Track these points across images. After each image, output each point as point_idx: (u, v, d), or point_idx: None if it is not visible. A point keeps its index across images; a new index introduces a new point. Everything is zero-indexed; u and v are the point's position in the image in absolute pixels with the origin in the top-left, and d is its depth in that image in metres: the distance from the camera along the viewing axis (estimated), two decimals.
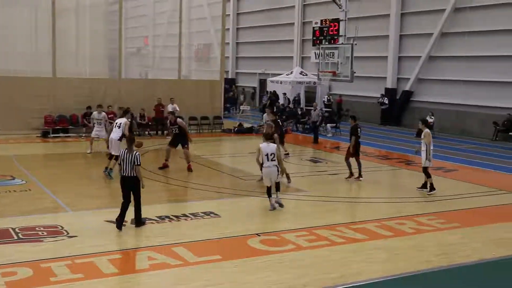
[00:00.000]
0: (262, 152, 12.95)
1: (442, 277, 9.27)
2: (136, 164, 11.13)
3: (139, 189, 11.30)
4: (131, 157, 11.17)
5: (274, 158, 13.00)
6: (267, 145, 13.08)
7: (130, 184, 11.23)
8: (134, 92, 26.67)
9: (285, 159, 19.49)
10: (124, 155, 11.27)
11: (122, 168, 11.25)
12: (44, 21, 26.66)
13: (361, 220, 12.44)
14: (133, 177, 11.19)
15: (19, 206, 12.79)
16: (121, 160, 11.29)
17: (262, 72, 44.53)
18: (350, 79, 27.64)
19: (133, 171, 11.17)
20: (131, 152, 11.26)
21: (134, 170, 11.16)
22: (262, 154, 12.94)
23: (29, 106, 24.41)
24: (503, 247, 10.79)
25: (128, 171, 11.18)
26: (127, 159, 11.18)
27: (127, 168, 11.18)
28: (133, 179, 11.20)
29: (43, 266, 9.00)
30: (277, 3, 43.39)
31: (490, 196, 15.36)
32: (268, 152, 12.96)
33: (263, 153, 12.93)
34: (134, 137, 12.34)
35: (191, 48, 42.39)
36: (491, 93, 28.49)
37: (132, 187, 11.24)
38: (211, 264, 9.34)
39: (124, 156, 11.26)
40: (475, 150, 24.17)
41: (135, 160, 11.14)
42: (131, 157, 11.16)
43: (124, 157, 11.25)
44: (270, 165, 12.95)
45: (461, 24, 30.02)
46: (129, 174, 11.19)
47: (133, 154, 11.21)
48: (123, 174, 11.27)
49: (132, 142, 11.65)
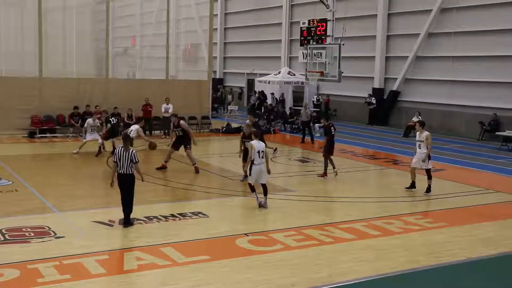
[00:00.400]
0: (255, 149, 12.99)
1: (430, 276, 9.33)
2: (134, 162, 11.35)
3: (133, 187, 11.47)
4: (128, 155, 11.32)
5: (263, 156, 13.06)
6: (258, 143, 13.12)
7: (126, 181, 11.38)
8: (122, 92, 26.55)
9: (272, 159, 19.54)
10: (120, 153, 11.39)
11: (119, 165, 11.35)
12: (30, 21, 26.51)
13: (349, 220, 12.47)
14: (130, 174, 11.36)
15: (6, 207, 12.68)
16: (117, 159, 11.38)
17: (250, 72, 44.54)
18: (338, 79, 27.70)
19: (129, 168, 11.33)
20: (128, 150, 11.40)
21: (130, 168, 11.33)
22: (254, 151, 12.98)
23: (16, 106, 24.23)
24: (490, 246, 10.86)
25: (125, 169, 11.32)
26: (124, 157, 11.32)
27: (123, 165, 11.32)
28: (129, 176, 11.36)
29: (30, 267, 8.94)
30: (265, 3, 43.41)
31: (477, 196, 15.47)
32: (260, 150, 13.03)
33: (255, 150, 12.97)
34: (130, 136, 12.35)
35: (178, 48, 42.38)
36: (478, 93, 28.69)
37: (127, 184, 11.38)
38: (199, 264, 9.32)
39: (120, 154, 11.37)
40: (462, 150, 24.33)
41: (132, 158, 11.33)
42: (128, 155, 11.32)
43: (120, 155, 11.36)
44: (261, 163, 13.03)
45: (448, 24, 30.21)
46: (125, 172, 11.34)
47: (130, 152, 11.37)
48: (119, 172, 11.38)
49: (128, 140, 11.81)
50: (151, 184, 15.64)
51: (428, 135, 15.13)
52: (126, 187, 11.41)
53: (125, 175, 11.37)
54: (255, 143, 13.08)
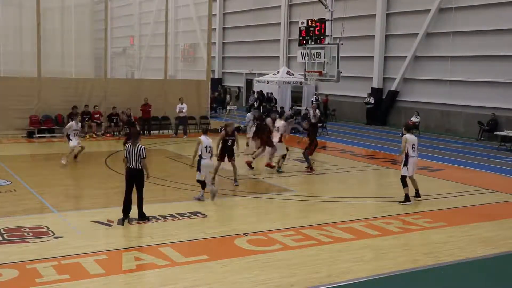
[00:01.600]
0: (202, 144, 13.63)
1: (429, 276, 9.33)
2: (142, 157, 11.67)
3: (143, 181, 11.82)
4: (137, 150, 11.66)
5: (210, 151, 13.84)
6: (206, 138, 13.78)
7: (135, 176, 11.71)
8: (120, 92, 26.54)
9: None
10: (129, 149, 11.75)
11: (129, 160, 11.71)
12: (29, 20, 26.47)
13: (348, 220, 12.47)
14: (139, 169, 11.71)
15: (4, 206, 12.68)
16: (127, 154, 11.73)
17: (249, 72, 44.53)
18: (337, 79, 27.68)
19: (138, 163, 11.66)
20: (135, 146, 11.71)
21: (139, 163, 11.66)
22: (202, 145, 13.62)
23: (14, 106, 24.20)
24: (488, 246, 10.88)
25: (134, 164, 11.67)
26: (133, 152, 11.66)
27: (133, 160, 11.68)
28: (138, 171, 11.72)
29: (29, 267, 8.94)
30: (263, 3, 43.39)
31: (476, 195, 15.48)
32: (207, 145, 13.73)
33: (203, 145, 13.62)
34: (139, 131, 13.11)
35: (177, 48, 42.42)
36: (476, 93, 28.70)
37: (136, 179, 11.73)
38: (198, 264, 9.32)
39: (129, 150, 11.73)
40: (461, 149, 24.34)
41: (141, 153, 11.66)
42: (136, 151, 11.66)
43: (130, 150, 11.72)
44: (208, 157, 13.68)
45: (446, 24, 30.23)
46: (134, 167, 11.68)
47: (138, 147, 11.69)
48: (129, 166, 11.71)
49: (137, 136, 12.17)
50: (149, 184, 15.61)
51: (403, 138, 14.31)
52: (134, 182, 11.73)
53: (133, 170, 11.69)
54: (203, 138, 13.72)
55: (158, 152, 21.66)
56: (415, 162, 14.19)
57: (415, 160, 14.16)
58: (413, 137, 14.15)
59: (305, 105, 34.16)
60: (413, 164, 14.03)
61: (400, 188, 14.16)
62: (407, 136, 14.05)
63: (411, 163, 13.96)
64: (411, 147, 13.92)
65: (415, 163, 14.20)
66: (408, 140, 13.93)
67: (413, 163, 14.03)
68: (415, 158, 14.13)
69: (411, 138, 14.04)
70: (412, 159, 13.97)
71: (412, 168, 13.99)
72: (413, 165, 14.02)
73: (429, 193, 15.07)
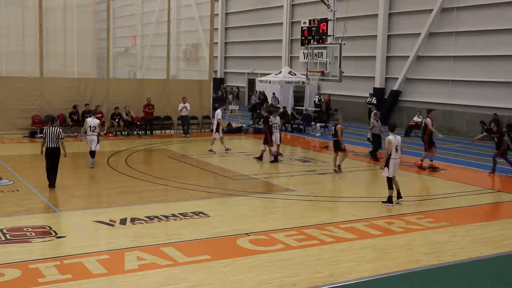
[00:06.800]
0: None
1: (431, 276, 9.32)
2: (60, 137, 14.39)
3: (59, 158, 14.57)
4: (55, 132, 14.32)
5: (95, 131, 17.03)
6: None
7: (52, 153, 14.45)
8: (123, 91, 26.56)
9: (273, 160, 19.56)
10: (47, 131, 14.38)
11: (46, 141, 14.34)
12: (31, 20, 26.50)
13: (350, 219, 12.46)
14: (56, 147, 14.43)
15: (7, 206, 12.69)
16: (46, 135, 14.36)
17: (251, 71, 44.53)
18: (339, 79, 27.72)
19: (55, 143, 14.36)
20: (53, 128, 14.35)
21: (57, 143, 14.38)
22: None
23: (16, 106, 24.26)
24: (491, 246, 10.86)
25: (52, 143, 14.36)
26: (51, 134, 14.31)
27: (51, 141, 14.33)
28: (55, 149, 14.45)
29: (31, 267, 8.94)
30: (266, 3, 43.41)
31: (478, 195, 15.46)
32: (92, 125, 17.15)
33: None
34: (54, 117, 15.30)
35: (179, 48, 42.46)
36: (478, 93, 28.69)
37: (53, 155, 14.45)
38: (200, 264, 9.32)
39: (47, 131, 14.37)
40: (463, 149, 24.31)
41: (59, 134, 14.36)
42: (54, 133, 14.31)
43: (48, 132, 14.36)
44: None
45: (448, 24, 30.21)
46: (52, 146, 14.39)
47: (56, 130, 14.38)
48: (48, 146, 14.36)
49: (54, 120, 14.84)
50: (151, 184, 15.66)
51: (386, 139, 14.19)
52: (53, 159, 14.45)
53: (51, 149, 14.37)
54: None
55: (161, 152, 21.68)
56: (397, 163, 14.04)
57: (397, 161, 14.03)
58: (397, 138, 14.03)
59: (310, 105, 34.13)
60: (394, 165, 13.88)
61: (402, 188, 14.16)
62: (391, 138, 13.91)
63: (392, 164, 13.84)
64: (395, 149, 13.86)
65: (397, 164, 14.07)
66: (392, 142, 13.85)
67: (394, 164, 13.90)
68: (398, 160, 14.01)
69: (395, 140, 13.92)
70: (394, 160, 13.87)
71: (393, 168, 13.85)
72: (394, 166, 13.86)
73: (431, 193, 15.05)
